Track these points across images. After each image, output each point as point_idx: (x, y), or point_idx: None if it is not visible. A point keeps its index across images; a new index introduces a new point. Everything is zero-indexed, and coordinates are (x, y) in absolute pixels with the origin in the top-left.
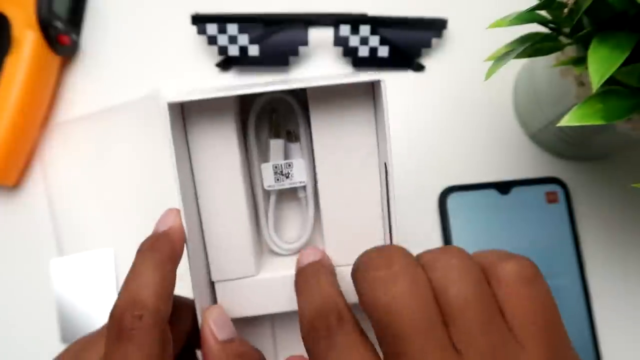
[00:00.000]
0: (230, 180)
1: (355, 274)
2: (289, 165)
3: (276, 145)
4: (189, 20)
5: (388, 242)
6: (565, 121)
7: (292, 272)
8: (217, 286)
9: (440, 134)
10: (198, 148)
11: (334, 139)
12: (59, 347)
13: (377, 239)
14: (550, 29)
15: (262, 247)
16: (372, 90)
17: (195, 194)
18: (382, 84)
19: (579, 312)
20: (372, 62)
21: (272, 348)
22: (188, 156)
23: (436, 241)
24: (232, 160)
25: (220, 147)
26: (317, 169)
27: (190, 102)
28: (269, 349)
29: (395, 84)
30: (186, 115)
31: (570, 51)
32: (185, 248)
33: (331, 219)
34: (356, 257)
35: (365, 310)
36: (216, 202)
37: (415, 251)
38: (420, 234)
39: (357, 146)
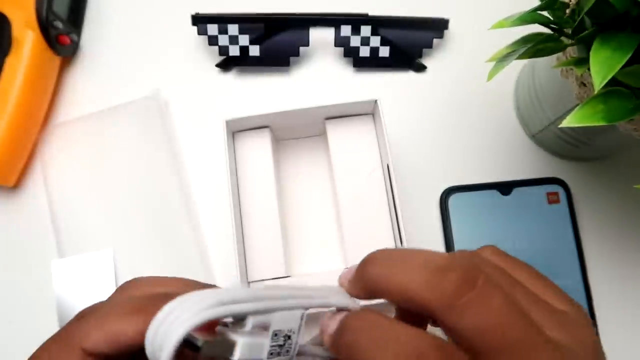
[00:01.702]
0: (267, 188)
1: (440, 307)
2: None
3: None
4: (189, 20)
5: (399, 243)
6: (567, 122)
7: (314, 271)
8: (251, 287)
9: (441, 135)
10: (242, 161)
11: (347, 151)
12: None
13: (388, 239)
14: (552, 29)
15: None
16: (374, 105)
17: (239, 202)
18: (378, 102)
19: None
20: (373, 62)
21: None
22: (235, 167)
23: (438, 242)
24: (268, 171)
25: (260, 162)
26: (336, 182)
27: (237, 120)
28: None
29: (396, 85)
30: (234, 130)
31: (572, 52)
32: (235, 250)
33: (350, 230)
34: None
35: (467, 337)
36: (254, 209)
37: None
38: (421, 235)
39: (366, 156)
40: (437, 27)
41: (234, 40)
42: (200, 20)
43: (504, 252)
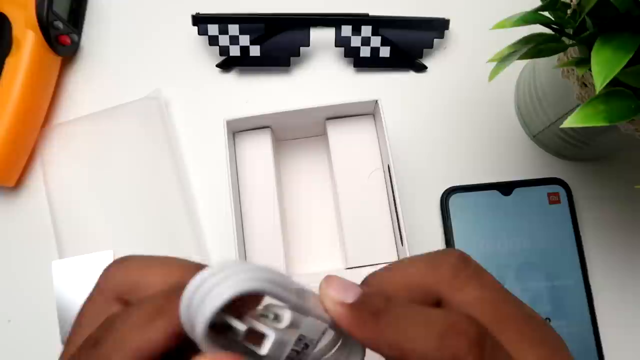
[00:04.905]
0: (267, 188)
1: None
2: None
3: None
4: (189, 20)
5: (399, 243)
6: (568, 122)
7: (314, 270)
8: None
9: (442, 135)
10: (243, 162)
11: (347, 151)
12: (60, 349)
13: (389, 240)
14: (554, 30)
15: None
16: (374, 105)
17: (240, 202)
18: (379, 103)
19: (582, 312)
20: (374, 62)
21: None
22: (235, 167)
23: (438, 242)
24: (269, 171)
25: (260, 162)
26: (337, 182)
27: (238, 120)
28: None
29: (396, 85)
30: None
31: (573, 52)
32: (236, 250)
33: (350, 230)
34: (371, 257)
35: (469, 310)
36: (255, 209)
37: (417, 252)
38: (422, 235)
39: (366, 157)
40: (437, 27)
41: (234, 40)
42: (200, 21)
43: None
